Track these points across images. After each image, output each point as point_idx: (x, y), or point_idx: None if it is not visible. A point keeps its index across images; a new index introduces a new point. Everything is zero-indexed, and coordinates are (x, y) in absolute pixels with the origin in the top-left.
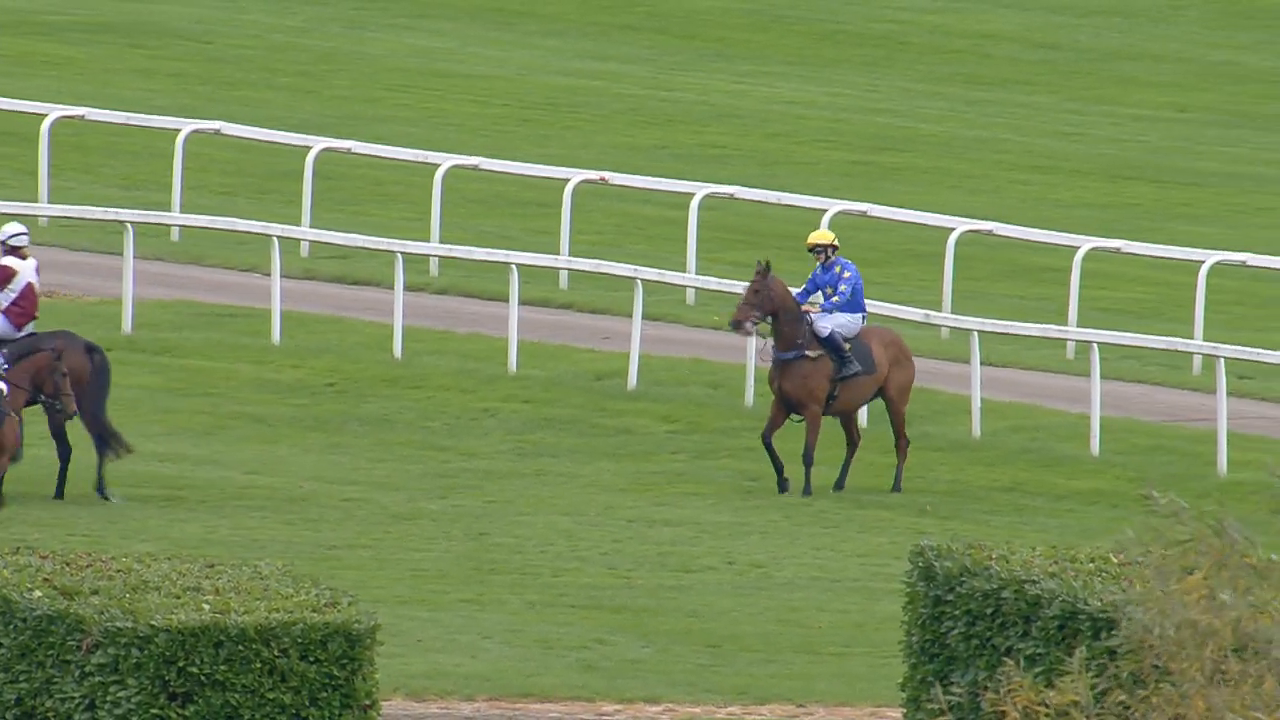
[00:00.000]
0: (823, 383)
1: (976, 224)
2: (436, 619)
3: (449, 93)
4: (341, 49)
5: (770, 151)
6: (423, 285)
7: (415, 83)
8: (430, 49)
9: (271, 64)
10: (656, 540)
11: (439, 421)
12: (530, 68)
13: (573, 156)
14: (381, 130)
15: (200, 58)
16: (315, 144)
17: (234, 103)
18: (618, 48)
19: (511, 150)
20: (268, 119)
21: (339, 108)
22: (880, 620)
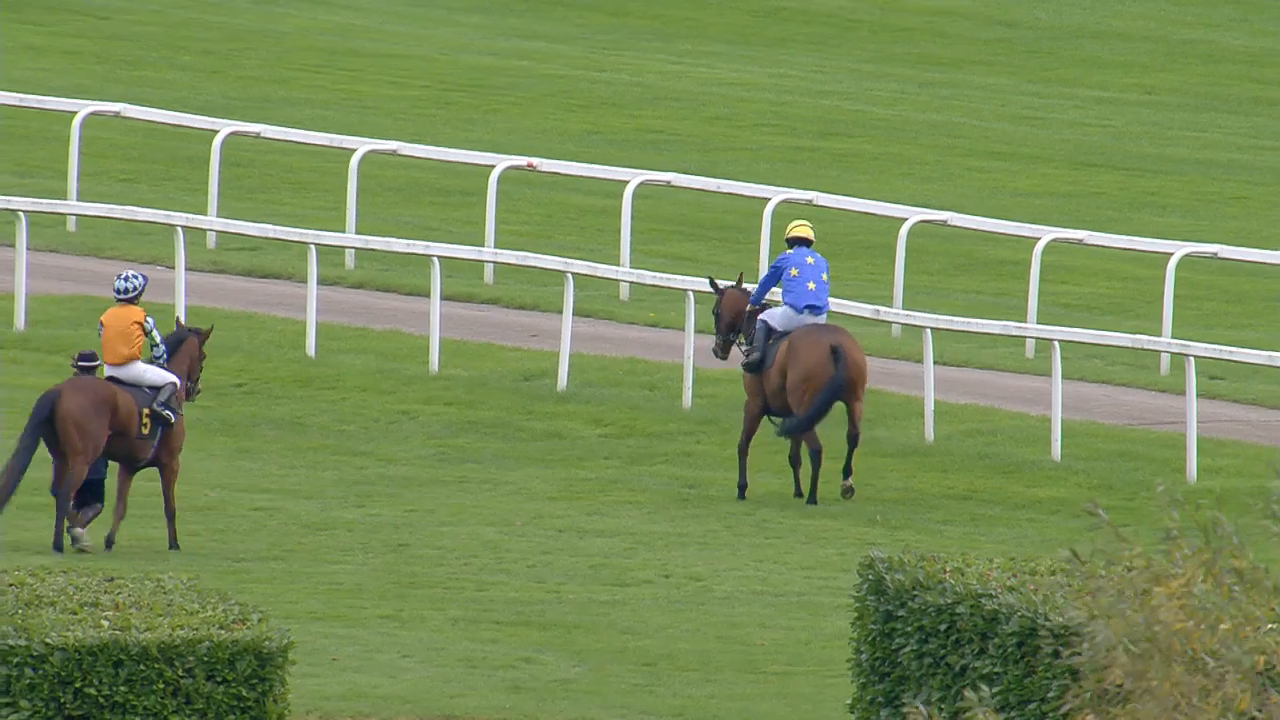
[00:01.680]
0: (746, 377)
1: (930, 214)
2: (353, 636)
3: (366, 73)
4: (250, 26)
5: (710, 137)
6: (338, 279)
7: (329, 62)
8: (346, 26)
9: (175, 41)
10: (588, 552)
11: (355, 425)
12: (453, 46)
13: (498, 141)
14: (293, 113)
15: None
16: (222, 128)
17: (135, 83)
18: (546, 25)
19: (433, 135)
20: (171, 101)
21: (248, 89)
22: (827, 637)
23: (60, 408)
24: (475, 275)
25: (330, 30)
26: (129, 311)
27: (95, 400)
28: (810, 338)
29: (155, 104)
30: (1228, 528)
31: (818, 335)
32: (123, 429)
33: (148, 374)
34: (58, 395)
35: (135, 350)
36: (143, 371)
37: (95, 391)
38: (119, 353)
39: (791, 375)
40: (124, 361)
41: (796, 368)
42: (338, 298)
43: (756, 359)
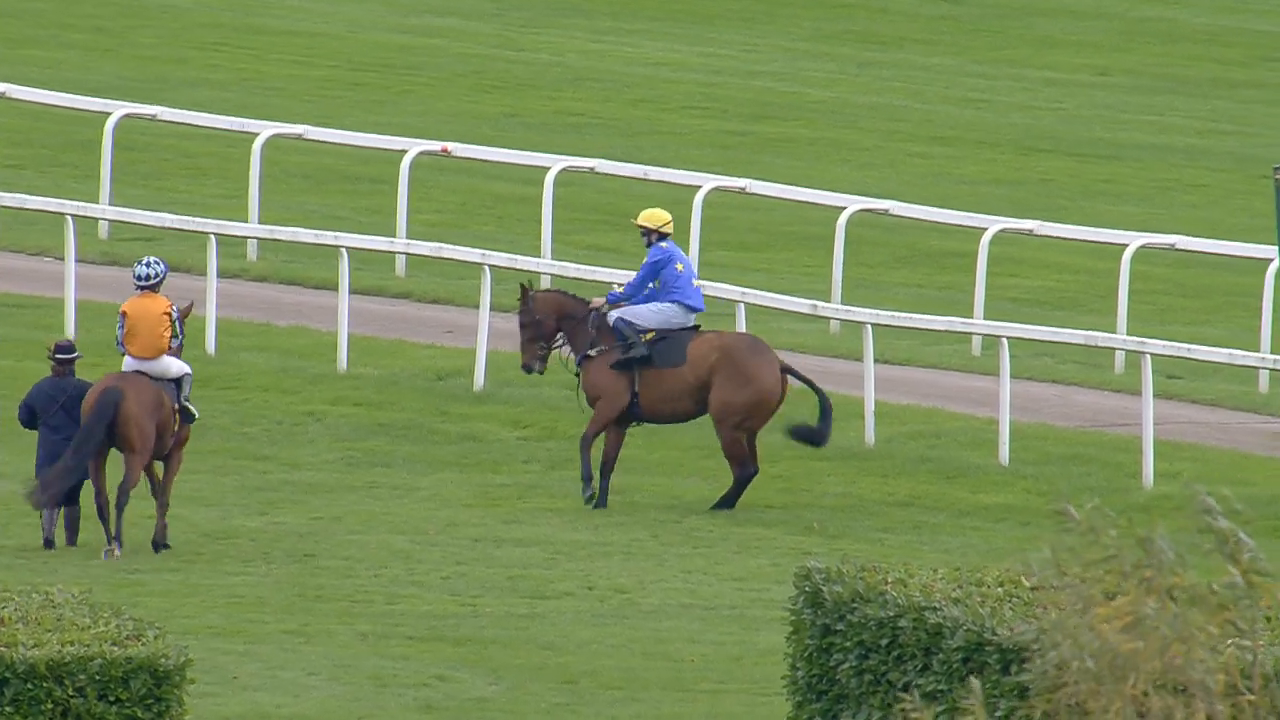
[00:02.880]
0: (607, 374)
1: (870, 203)
2: (255, 652)
3: (269, 52)
4: (145, 1)
5: (635, 120)
6: (239, 271)
7: (229, 40)
8: (247, 2)
9: (64, 18)
10: (505, 562)
11: (258, 427)
12: (361, 24)
13: (410, 125)
14: (192, 95)
15: None
16: (115, 110)
17: (20, 62)
18: (460, 1)
19: (340, 118)
20: (60, 81)
21: (142, 69)
22: (760, 653)
23: (124, 408)
24: (386, 267)
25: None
26: (155, 301)
27: (153, 398)
28: (759, 356)
29: (43, 85)
30: (1165, 544)
31: (764, 354)
32: (164, 427)
33: (172, 367)
34: (120, 395)
35: (165, 343)
36: (168, 364)
37: (150, 389)
38: (148, 345)
39: (737, 392)
40: (155, 355)
41: (748, 387)
42: (239, 291)
43: (643, 353)
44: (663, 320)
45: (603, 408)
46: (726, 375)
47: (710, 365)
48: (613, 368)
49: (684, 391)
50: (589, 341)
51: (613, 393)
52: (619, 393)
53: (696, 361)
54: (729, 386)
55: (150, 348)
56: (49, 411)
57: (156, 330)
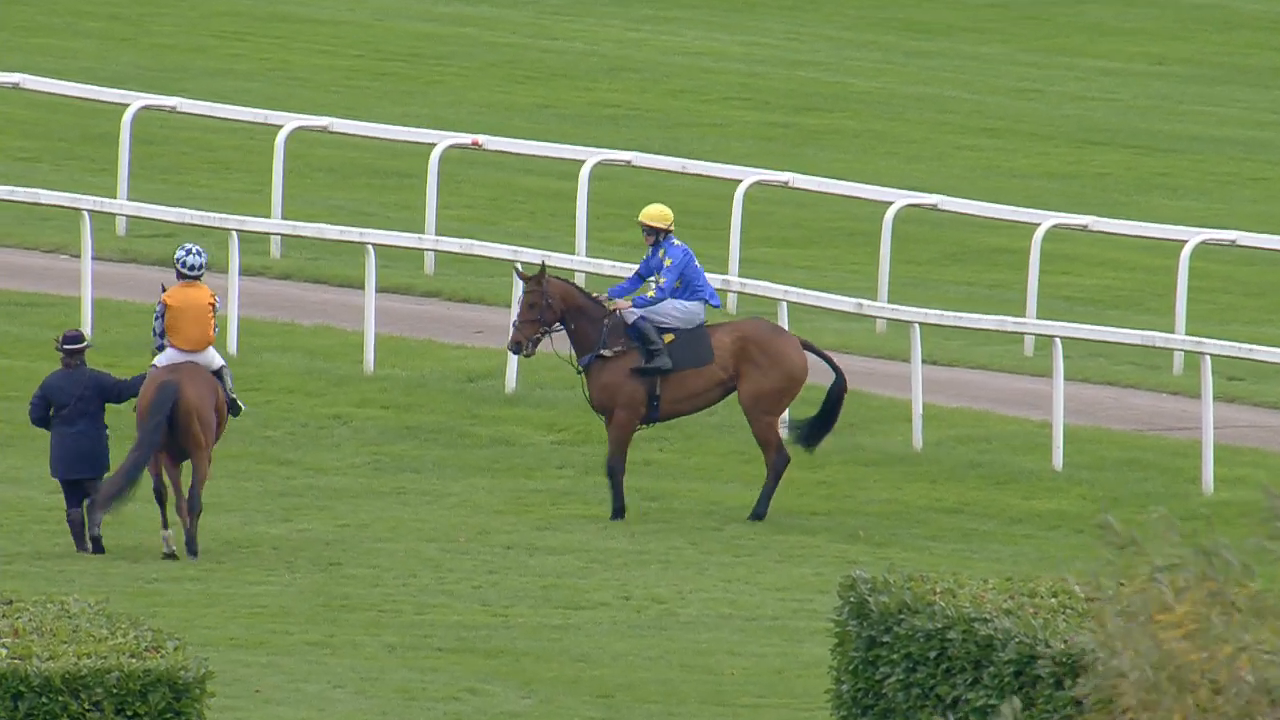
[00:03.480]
0: (625, 381)
1: (918, 197)
2: (278, 665)
3: (292, 41)
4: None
5: (674, 111)
6: (262, 269)
7: (252, 29)
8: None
9: (79, 5)
10: (539, 571)
11: (281, 430)
12: (388, 11)
13: (440, 117)
14: (212, 85)
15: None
16: (133, 101)
17: (34, 52)
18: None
19: (367, 109)
20: (75, 71)
21: (161, 58)
22: (803, 666)
23: (184, 402)
24: (415, 265)
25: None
26: (200, 291)
27: (211, 388)
28: (780, 337)
29: (58, 75)
30: (1229, 553)
31: (784, 335)
32: (221, 419)
33: (216, 359)
34: (178, 388)
35: (211, 335)
36: (213, 357)
37: (206, 379)
38: (195, 338)
39: (766, 378)
40: (202, 347)
41: (777, 370)
42: (262, 290)
43: (667, 364)
44: (686, 319)
45: (623, 419)
46: (755, 364)
47: (737, 357)
48: (634, 374)
49: (710, 387)
50: (600, 341)
51: (633, 401)
52: (639, 401)
53: (724, 356)
54: (758, 374)
55: (198, 339)
56: (64, 405)
57: (203, 321)
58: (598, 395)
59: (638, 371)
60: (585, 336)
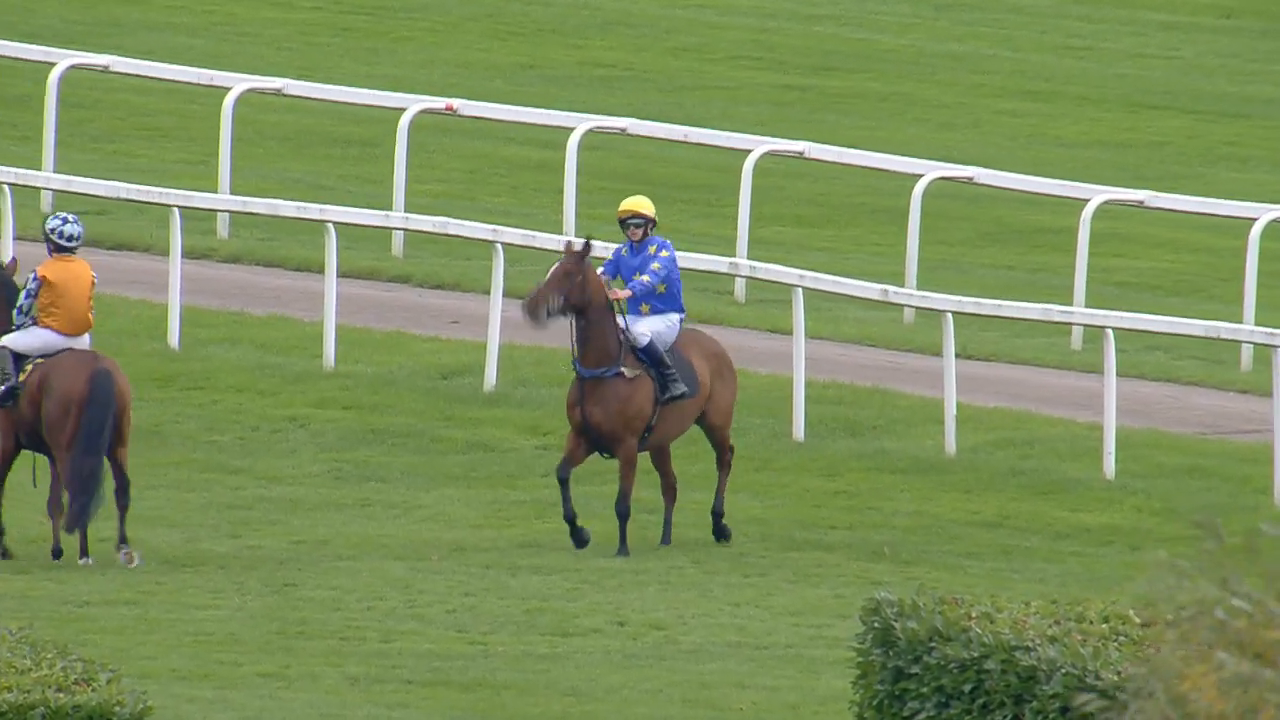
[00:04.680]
0: (644, 410)
1: (951, 169)
2: (226, 699)
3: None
4: None
5: (675, 72)
6: (208, 251)
7: None
8: None
9: None
10: (522, 594)
11: (229, 434)
12: None
13: (409, 78)
14: (150, 41)
15: None
16: (60, 59)
17: None
18: None
19: (327, 70)
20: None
21: (92, 10)
22: (821, 700)
23: (121, 396)
24: (381, 246)
25: None
26: (81, 267)
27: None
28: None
29: None
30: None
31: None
32: None
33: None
34: (110, 376)
35: (92, 318)
36: (89, 343)
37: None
38: (79, 320)
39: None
40: (84, 331)
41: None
42: (208, 274)
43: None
44: (673, 337)
45: (634, 450)
46: (722, 379)
47: (710, 376)
48: (659, 404)
49: (694, 417)
50: (619, 358)
51: (639, 430)
52: (641, 431)
53: (705, 381)
54: (725, 390)
55: (81, 322)
56: None
57: (85, 302)
58: (606, 416)
59: (664, 401)
60: (600, 344)
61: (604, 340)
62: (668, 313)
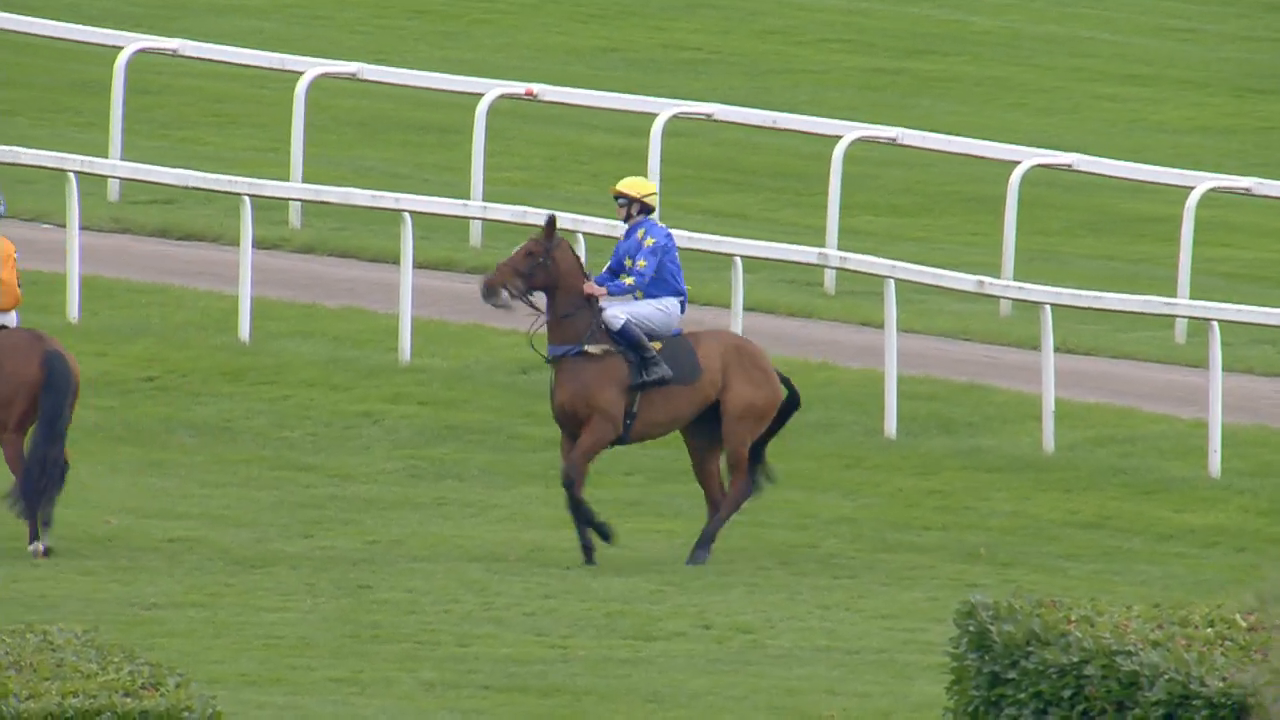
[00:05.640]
0: (609, 390)
1: (1049, 156)
2: (297, 705)
3: None
4: None
5: (762, 56)
6: (280, 241)
7: None
8: None
9: None
10: (603, 596)
11: (300, 431)
12: None
13: (487, 62)
14: (221, 24)
15: None
16: (128, 43)
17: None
18: None
19: (402, 54)
20: (60, 8)
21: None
22: (914, 707)
23: (75, 376)
24: (459, 236)
25: None
26: (6, 243)
27: None
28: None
29: (39, 12)
30: None
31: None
32: None
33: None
34: (64, 359)
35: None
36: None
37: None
38: (11, 294)
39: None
40: (15, 306)
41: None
42: (279, 265)
43: (669, 373)
44: (667, 322)
45: (602, 431)
46: (746, 374)
47: (723, 367)
48: (634, 389)
49: (694, 407)
50: (587, 334)
51: (613, 412)
52: (619, 415)
53: (712, 369)
54: (750, 387)
55: (11, 298)
56: None
57: (12, 276)
58: (571, 399)
59: (638, 385)
60: (569, 324)
61: (573, 319)
62: (662, 297)
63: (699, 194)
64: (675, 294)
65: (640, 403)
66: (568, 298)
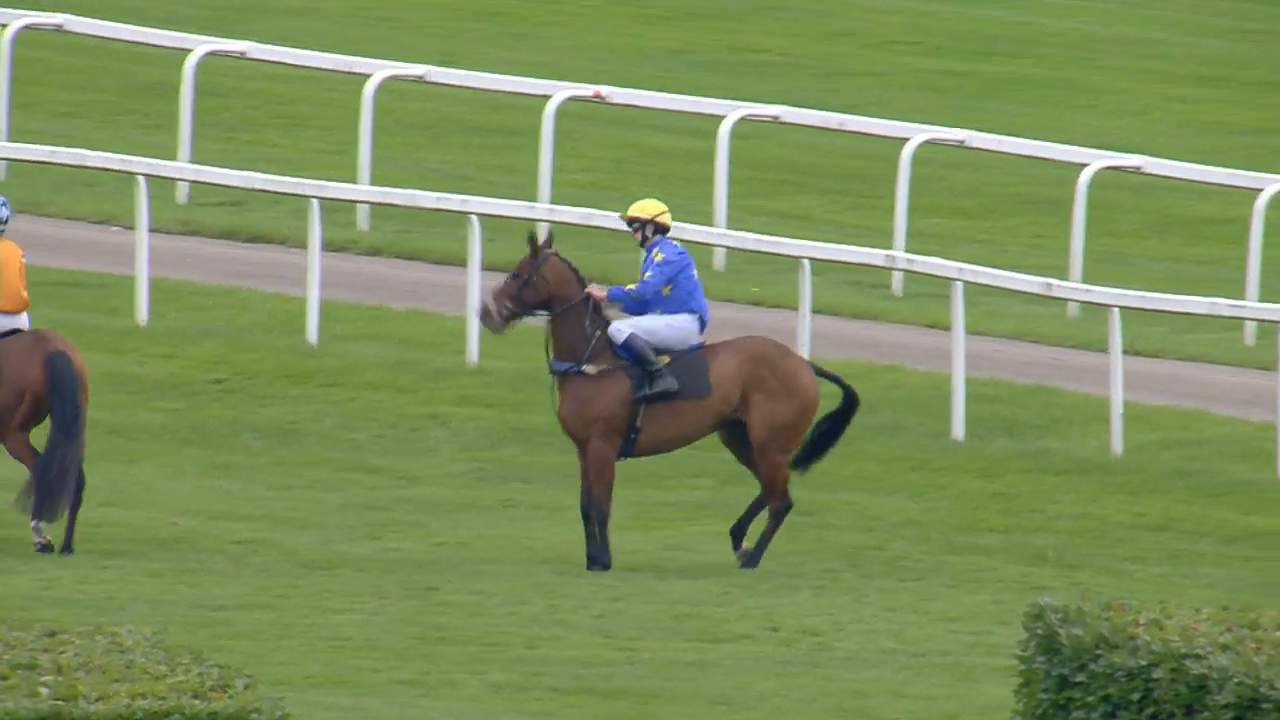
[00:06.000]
0: (610, 406)
1: (1118, 158)
2: (364, 707)
3: None
4: None
5: (830, 58)
6: (347, 243)
7: None
8: None
9: None
10: (670, 598)
11: (367, 433)
12: None
13: (555, 64)
14: (288, 26)
15: None
16: (195, 46)
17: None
18: None
19: (469, 56)
20: (127, 11)
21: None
22: (981, 710)
23: (82, 376)
24: (526, 238)
25: None
26: (11, 248)
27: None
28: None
29: (106, 14)
30: None
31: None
32: None
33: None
34: (67, 357)
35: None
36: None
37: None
38: (17, 298)
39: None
40: (23, 308)
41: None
42: (346, 268)
43: (674, 386)
44: (682, 339)
45: (602, 452)
46: (766, 391)
47: (743, 384)
48: (639, 401)
49: (706, 423)
50: (586, 350)
51: (611, 430)
52: (618, 431)
53: (726, 385)
54: (771, 404)
55: (19, 300)
56: None
57: (20, 281)
58: (571, 417)
59: (643, 399)
60: (568, 338)
61: (569, 335)
62: (677, 314)
63: (766, 196)
64: (689, 311)
65: (645, 417)
66: (566, 311)
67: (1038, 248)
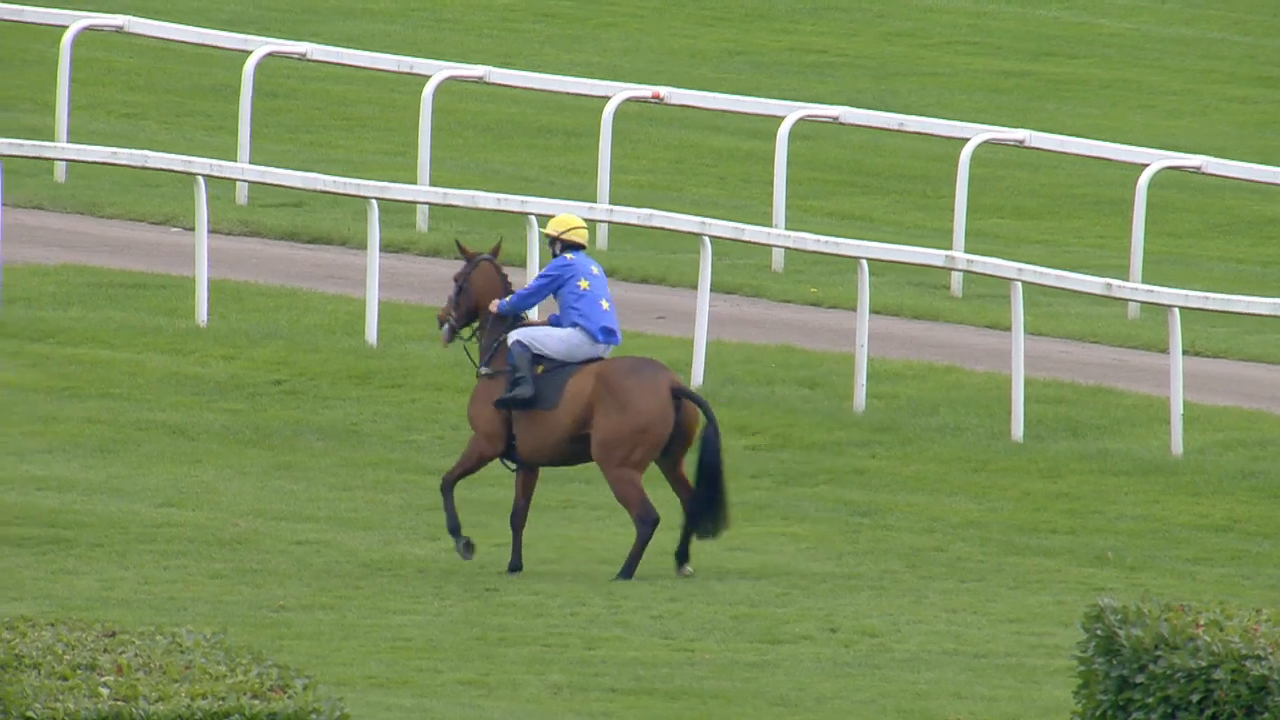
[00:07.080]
0: (483, 409)
1: (1178, 159)
2: (425, 707)
3: None
4: None
5: (889, 58)
6: (407, 244)
7: None
8: None
9: None
10: (729, 599)
11: (428, 434)
12: None
13: (614, 66)
14: (348, 28)
15: None
16: (256, 47)
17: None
18: None
19: (528, 57)
20: (188, 12)
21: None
22: (1041, 712)
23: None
24: None
25: None
26: None
27: None
28: (641, 375)
29: (168, 16)
30: None
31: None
32: None
33: None
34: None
35: None
36: None
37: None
38: None
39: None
40: None
41: (625, 414)
42: (406, 269)
43: (528, 393)
44: (568, 350)
45: (478, 448)
46: (603, 408)
47: (587, 400)
48: (496, 405)
49: (561, 437)
50: (488, 354)
51: (488, 432)
52: (494, 434)
53: (572, 399)
54: (604, 420)
55: None
56: None
57: None
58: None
59: (500, 402)
60: (487, 343)
61: (488, 339)
62: (570, 329)
63: (825, 197)
64: (586, 326)
65: (517, 424)
66: (483, 317)
67: (1097, 248)
